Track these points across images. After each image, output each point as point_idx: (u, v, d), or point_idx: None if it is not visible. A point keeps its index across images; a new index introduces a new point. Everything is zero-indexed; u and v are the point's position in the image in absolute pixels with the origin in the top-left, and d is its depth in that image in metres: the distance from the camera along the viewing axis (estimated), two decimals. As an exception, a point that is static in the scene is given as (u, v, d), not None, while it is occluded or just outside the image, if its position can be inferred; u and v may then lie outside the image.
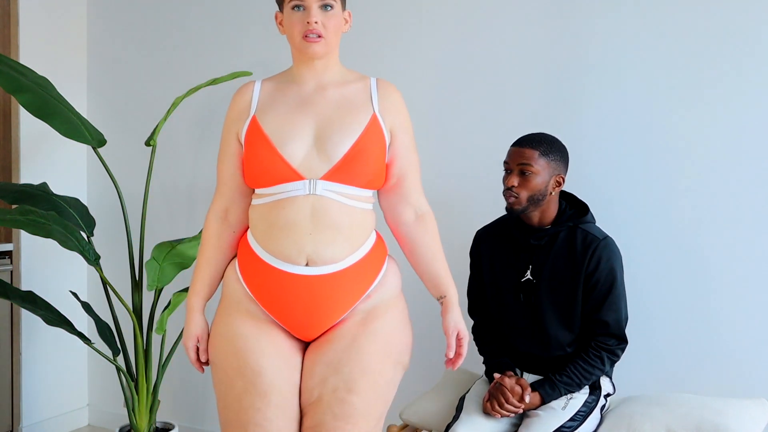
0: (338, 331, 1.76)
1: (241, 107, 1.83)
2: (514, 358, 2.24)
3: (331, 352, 1.73)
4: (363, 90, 1.81)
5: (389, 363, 1.76)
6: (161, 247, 2.79)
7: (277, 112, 1.77)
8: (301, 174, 1.71)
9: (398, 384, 1.82)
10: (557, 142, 2.17)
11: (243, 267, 1.80)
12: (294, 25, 1.74)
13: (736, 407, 2.04)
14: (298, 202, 1.71)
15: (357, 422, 1.69)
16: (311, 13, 1.72)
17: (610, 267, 2.10)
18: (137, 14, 3.44)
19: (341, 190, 1.72)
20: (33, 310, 2.66)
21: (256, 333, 1.75)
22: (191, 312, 1.85)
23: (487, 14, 2.69)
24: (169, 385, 3.36)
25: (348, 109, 1.77)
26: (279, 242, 1.72)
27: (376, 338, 1.74)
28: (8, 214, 2.47)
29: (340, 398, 1.69)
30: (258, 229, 1.77)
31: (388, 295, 1.81)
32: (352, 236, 1.75)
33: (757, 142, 2.31)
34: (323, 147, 1.72)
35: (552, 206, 2.17)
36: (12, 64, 2.69)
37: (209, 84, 2.92)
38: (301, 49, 1.76)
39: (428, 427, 2.30)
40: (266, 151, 1.73)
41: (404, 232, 1.87)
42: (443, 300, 1.86)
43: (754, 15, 2.30)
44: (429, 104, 2.79)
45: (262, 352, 1.73)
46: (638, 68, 2.45)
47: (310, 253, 1.71)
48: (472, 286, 2.37)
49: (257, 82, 1.85)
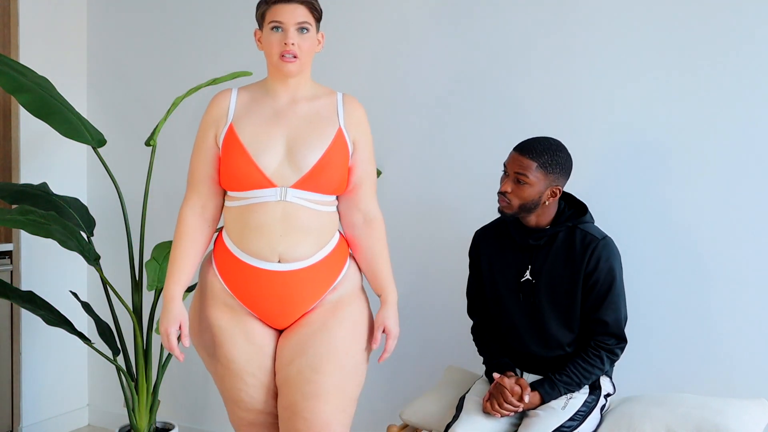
0: (308, 318, 1.95)
1: (218, 113, 1.97)
2: (514, 358, 2.24)
3: (299, 336, 1.93)
4: (330, 105, 1.98)
5: (356, 347, 1.95)
6: (161, 247, 2.79)
7: (252, 123, 1.93)
8: (274, 182, 1.88)
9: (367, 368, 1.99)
10: (560, 154, 2.11)
11: (219, 264, 1.97)
12: (272, 45, 1.90)
13: (736, 407, 2.04)
14: (269, 207, 1.88)
15: (328, 400, 1.86)
16: (288, 35, 1.87)
17: (609, 267, 2.10)
18: (137, 14, 3.44)
19: (309, 197, 1.90)
20: (33, 310, 2.66)
21: (232, 324, 1.94)
22: (173, 300, 1.95)
23: (488, 14, 2.69)
24: (169, 385, 3.36)
25: (317, 123, 1.94)
26: (253, 242, 1.90)
27: (344, 323, 1.93)
28: (8, 214, 2.47)
29: (306, 378, 1.87)
30: (233, 230, 1.94)
31: (352, 287, 2.01)
32: (319, 236, 1.93)
33: (758, 142, 2.31)
34: (294, 158, 1.89)
35: (550, 209, 2.17)
36: (12, 64, 2.69)
37: (209, 84, 2.92)
38: (277, 67, 1.92)
39: (428, 427, 2.30)
40: (242, 159, 1.89)
41: (351, 234, 2.05)
42: (381, 297, 2.03)
43: (753, 12, 2.30)
44: (429, 106, 2.80)
45: (234, 342, 1.93)
46: (638, 67, 2.45)
47: (282, 252, 1.90)
48: (471, 286, 2.36)
49: (234, 90, 2.00)
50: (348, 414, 1.92)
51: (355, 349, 1.95)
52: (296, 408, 1.87)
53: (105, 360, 3.37)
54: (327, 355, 1.88)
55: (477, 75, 2.71)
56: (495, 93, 2.68)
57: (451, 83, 2.76)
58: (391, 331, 1.99)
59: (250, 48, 3.14)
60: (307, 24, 1.89)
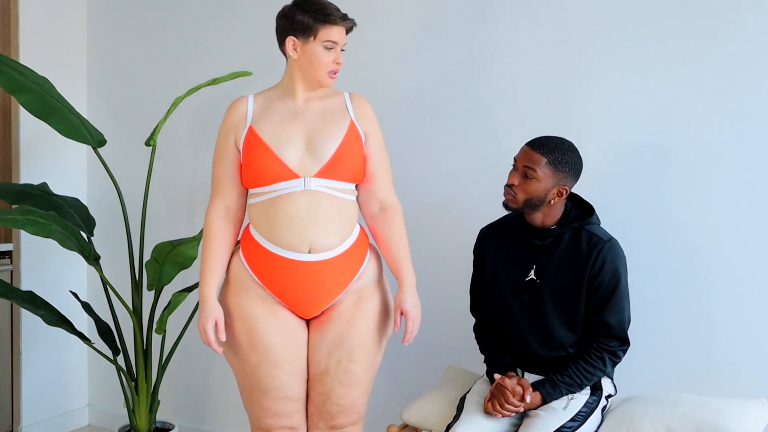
0: (336, 312, 2.09)
1: (236, 118, 2.11)
2: (516, 357, 2.23)
3: (334, 329, 2.07)
4: (340, 102, 2.14)
5: (378, 337, 2.12)
6: (161, 247, 2.79)
7: (271, 122, 2.07)
8: (297, 173, 2.02)
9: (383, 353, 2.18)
10: (571, 154, 2.12)
11: (249, 258, 2.08)
12: (323, 62, 2.05)
13: (736, 407, 2.04)
14: (295, 197, 2.02)
15: (359, 386, 2.09)
16: (339, 54, 2.06)
17: (614, 268, 2.10)
18: (137, 14, 3.44)
19: (331, 185, 2.04)
20: (33, 310, 2.66)
21: (265, 313, 2.06)
22: (208, 299, 2.07)
23: (488, 15, 2.69)
24: (169, 385, 3.36)
25: (331, 117, 2.09)
26: (283, 233, 2.02)
27: (368, 317, 2.09)
28: (8, 214, 2.47)
29: (344, 368, 2.06)
30: (260, 223, 2.06)
31: (374, 277, 2.15)
32: (342, 225, 2.07)
33: (760, 143, 2.31)
34: (314, 150, 2.04)
35: (556, 209, 2.16)
36: (12, 64, 2.69)
37: (209, 84, 2.92)
38: (321, 81, 2.08)
39: (428, 427, 2.30)
40: (266, 155, 2.02)
41: (371, 222, 2.19)
42: (399, 281, 2.16)
43: (756, 12, 2.30)
44: (431, 105, 2.80)
45: (271, 329, 2.05)
46: (641, 67, 2.45)
47: (312, 241, 2.02)
48: (474, 284, 2.36)
49: (250, 97, 2.15)
50: (368, 394, 2.16)
51: (378, 337, 2.13)
52: (332, 394, 2.07)
53: (105, 360, 3.37)
54: (359, 347, 2.07)
55: (478, 75, 2.71)
56: (496, 92, 2.68)
57: (451, 83, 2.76)
58: (408, 312, 2.10)
59: (250, 48, 3.15)
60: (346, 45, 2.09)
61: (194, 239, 2.80)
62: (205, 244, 2.11)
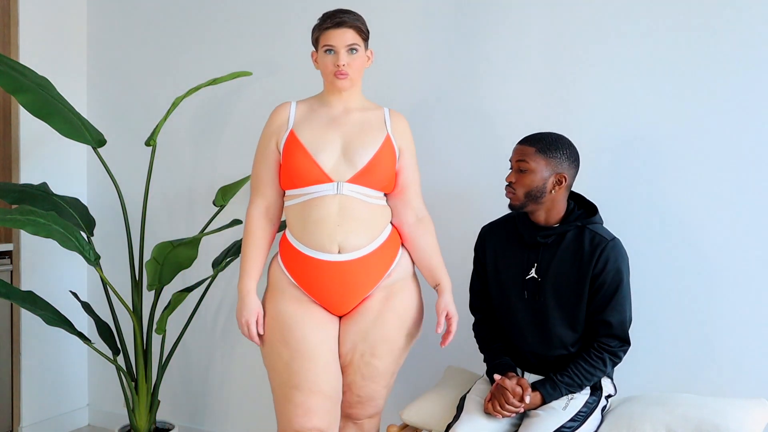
0: (365, 306, 2.18)
1: (279, 122, 2.23)
2: (516, 356, 2.24)
3: (360, 323, 2.17)
4: (379, 116, 2.24)
5: (403, 333, 2.21)
6: (161, 247, 2.79)
7: (311, 128, 2.19)
8: (331, 177, 2.12)
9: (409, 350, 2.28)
10: (561, 142, 2.14)
11: (285, 259, 2.20)
12: (327, 66, 2.16)
13: (736, 407, 2.04)
14: (327, 200, 2.12)
15: (380, 381, 2.21)
16: (340, 56, 2.13)
17: (617, 268, 2.10)
18: (137, 14, 3.44)
19: (362, 191, 2.15)
20: (33, 310, 2.65)
21: (299, 311, 2.16)
22: (249, 293, 2.18)
23: (489, 15, 2.69)
24: (169, 385, 3.36)
25: (368, 129, 2.20)
26: (314, 235, 2.13)
27: (394, 313, 2.18)
28: (8, 214, 2.47)
29: (366, 362, 2.17)
30: (295, 226, 2.18)
31: (404, 274, 2.23)
32: (372, 227, 2.16)
33: (762, 143, 2.30)
34: (349, 156, 2.14)
35: (558, 205, 2.17)
36: (12, 64, 2.69)
37: (209, 84, 2.92)
38: (332, 84, 2.18)
39: (428, 427, 2.30)
40: (303, 157, 2.13)
41: (407, 231, 2.27)
42: (438, 287, 2.25)
43: (758, 12, 2.30)
44: (433, 104, 2.80)
45: (305, 325, 2.14)
46: (643, 67, 2.45)
47: (341, 241, 2.12)
48: (474, 282, 2.36)
49: (293, 103, 2.26)
50: (389, 388, 2.27)
51: (404, 334, 2.21)
52: (353, 386, 2.20)
53: (105, 360, 3.37)
54: (382, 342, 2.16)
55: (480, 74, 2.71)
56: (498, 92, 2.68)
57: (452, 81, 2.76)
58: (453, 315, 2.20)
59: (250, 48, 3.16)
60: (355, 45, 2.15)
61: (194, 239, 2.80)
62: (245, 241, 2.22)
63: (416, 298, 2.25)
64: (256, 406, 3.17)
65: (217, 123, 3.24)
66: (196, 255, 2.80)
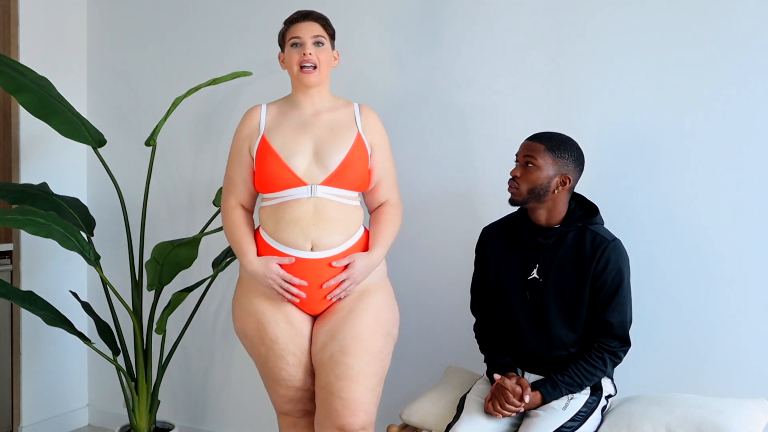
0: (337, 306, 2.18)
1: (251, 127, 2.25)
2: (516, 356, 2.23)
3: (331, 322, 2.17)
4: (348, 114, 2.25)
5: (380, 332, 2.17)
6: (161, 247, 2.79)
7: (282, 132, 2.20)
8: (304, 181, 2.14)
9: (391, 353, 2.22)
10: (570, 143, 2.15)
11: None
12: (293, 58, 2.18)
13: (736, 407, 2.04)
14: (302, 203, 2.13)
15: (360, 381, 2.11)
16: (306, 47, 2.17)
17: (618, 269, 2.10)
18: (137, 14, 3.44)
19: (336, 193, 2.15)
20: (33, 310, 2.66)
21: (272, 309, 2.18)
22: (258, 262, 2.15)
23: (490, 14, 2.69)
24: (169, 385, 3.36)
25: (338, 130, 2.20)
26: (287, 233, 2.13)
27: (368, 310, 2.16)
28: (8, 214, 2.47)
29: (337, 360, 2.11)
30: (268, 224, 2.18)
31: (377, 277, 2.24)
32: (346, 226, 2.17)
33: (764, 144, 2.30)
34: (321, 160, 2.15)
35: (560, 205, 2.17)
36: (12, 64, 2.69)
37: (209, 84, 2.92)
38: (299, 78, 2.19)
39: (428, 427, 2.30)
40: (276, 163, 2.15)
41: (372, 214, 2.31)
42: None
43: (759, 12, 2.30)
44: (434, 103, 2.80)
45: (277, 324, 2.17)
46: (645, 68, 2.45)
47: (315, 238, 2.13)
48: (475, 282, 2.36)
49: (263, 106, 2.28)
50: (376, 393, 2.17)
51: (380, 333, 2.17)
52: (332, 388, 2.12)
53: (105, 360, 3.37)
54: (354, 339, 2.12)
55: (485, 73, 2.71)
56: (502, 93, 2.68)
57: (452, 82, 2.76)
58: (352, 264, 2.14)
59: (250, 48, 3.15)
60: (321, 38, 2.19)
61: (194, 239, 2.80)
62: (229, 230, 2.24)
63: (390, 299, 2.26)
64: (256, 405, 3.17)
65: (217, 123, 3.24)
66: (196, 255, 2.80)
